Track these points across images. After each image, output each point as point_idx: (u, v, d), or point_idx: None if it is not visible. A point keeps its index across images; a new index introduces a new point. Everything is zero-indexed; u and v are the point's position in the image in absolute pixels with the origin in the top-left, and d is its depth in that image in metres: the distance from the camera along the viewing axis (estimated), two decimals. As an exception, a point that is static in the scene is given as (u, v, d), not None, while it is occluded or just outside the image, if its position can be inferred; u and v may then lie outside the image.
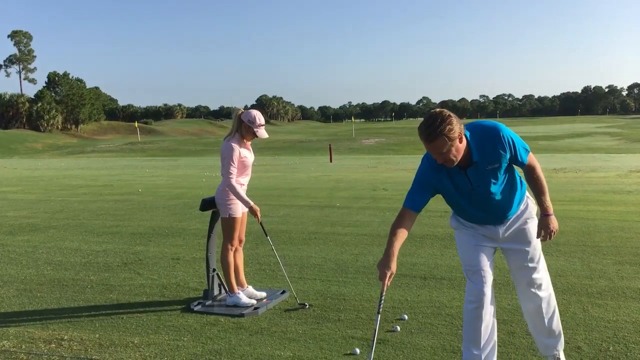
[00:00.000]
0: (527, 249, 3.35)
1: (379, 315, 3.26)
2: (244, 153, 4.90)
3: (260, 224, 5.06)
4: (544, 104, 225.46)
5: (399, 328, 4.28)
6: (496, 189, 3.16)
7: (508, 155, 3.08)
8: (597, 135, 65.27)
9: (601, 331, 4.13)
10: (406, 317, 4.54)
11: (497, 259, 3.61)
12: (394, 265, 3.30)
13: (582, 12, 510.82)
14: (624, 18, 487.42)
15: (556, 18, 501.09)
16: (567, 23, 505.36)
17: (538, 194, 3.25)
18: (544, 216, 3.27)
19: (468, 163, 3.08)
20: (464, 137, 3.00)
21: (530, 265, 3.36)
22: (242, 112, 4.90)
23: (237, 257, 5.13)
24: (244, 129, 4.87)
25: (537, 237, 3.31)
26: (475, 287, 3.30)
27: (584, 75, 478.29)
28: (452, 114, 2.96)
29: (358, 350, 3.93)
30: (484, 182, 3.13)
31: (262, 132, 4.89)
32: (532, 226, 3.36)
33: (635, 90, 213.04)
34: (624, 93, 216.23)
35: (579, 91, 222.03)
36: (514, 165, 3.25)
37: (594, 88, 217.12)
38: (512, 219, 3.34)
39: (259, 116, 4.88)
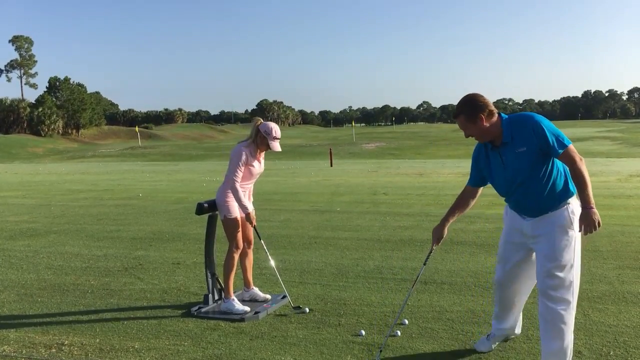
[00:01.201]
0: (549, 258, 3.32)
1: (424, 266, 4.01)
2: (253, 162, 4.96)
3: (254, 227, 5.08)
4: (544, 109, 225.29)
5: (399, 333, 4.28)
6: (524, 174, 3.32)
7: (536, 142, 3.24)
8: (597, 139, 65.27)
9: (602, 336, 4.13)
10: (407, 321, 4.54)
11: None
12: (443, 230, 3.79)
13: (582, 16, 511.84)
14: (625, 22, 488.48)
15: (556, 22, 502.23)
16: (567, 27, 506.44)
17: (578, 189, 3.28)
18: (583, 209, 3.26)
19: (500, 143, 3.38)
20: (492, 119, 3.36)
21: (550, 276, 3.32)
22: (261, 122, 4.98)
23: (246, 259, 5.22)
24: (259, 139, 4.95)
25: (579, 231, 3.29)
26: (495, 277, 3.80)
27: (584, 80, 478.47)
28: (477, 99, 3.37)
29: (363, 332, 4.18)
30: (513, 165, 3.34)
31: (276, 145, 4.95)
32: (561, 237, 3.30)
33: (636, 95, 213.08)
34: (624, 97, 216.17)
35: (579, 95, 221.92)
36: (558, 161, 3.34)
37: (594, 92, 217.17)
38: (542, 218, 3.37)
39: (275, 129, 4.95)
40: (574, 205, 3.37)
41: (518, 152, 3.30)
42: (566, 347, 3.36)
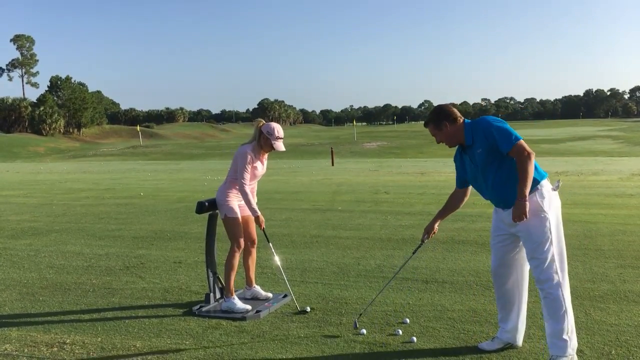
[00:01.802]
0: (528, 241, 3.63)
1: (413, 255, 4.59)
2: (256, 163, 4.96)
3: (263, 230, 5.09)
4: (546, 107, 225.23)
5: (400, 332, 4.28)
6: (486, 171, 3.69)
7: (487, 142, 3.62)
8: (599, 138, 65.20)
9: (603, 335, 4.13)
10: (408, 320, 4.54)
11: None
12: (433, 225, 4.21)
13: (584, 15, 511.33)
14: (627, 21, 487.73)
15: (558, 21, 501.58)
16: (569, 26, 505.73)
17: (519, 180, 3.51)
18: (517, 200, 3.52)
19: (465, 146, 3.79)
20: (456, 125, 3.77)
21: (532, 259, 3.64)
22: (263, 123, 4.98)
23: (249, 257, 5.22)
24: (262, 140, 4.95)
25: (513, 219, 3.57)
26: (491, 269, 3.99)
27: (585, 79, 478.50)
28: (443, 108, 3.83)
29: (364, 331, 4.33)
30: (479, 164, 3.71)
31: (279, 145, 4.95)
32: (534, 220, 3.57)
33: (638, 94, 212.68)
34: (626, 96, 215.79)
35: (581, 94, 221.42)
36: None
37: (596, 91, 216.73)
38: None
39: (278, 129, 4.95)
40: (543, 189, 3.63)
41: (478, 153, 3.69)
42: (564, 325, 3.55)
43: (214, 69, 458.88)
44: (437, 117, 3.81)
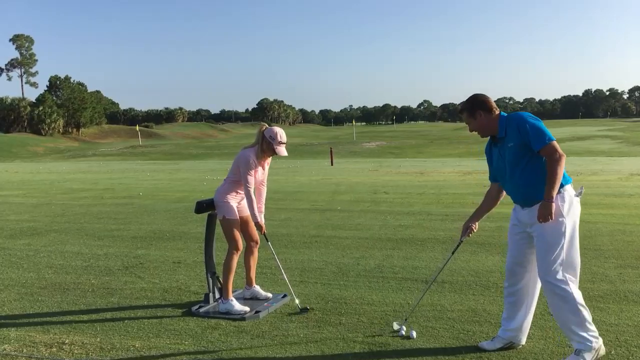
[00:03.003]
0: (540, 241, 3.63)
1: (452, 255, 4.50)
2: (257, 168, 4.94)
3: (264, 234, 5.07)
4: (545, 107, 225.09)
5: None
6: (513, 166, 3.70)
7: (520, 138, 3.61)
8: (598, 138, 65.21)
9: (603, 335, 4.11)
10: (403, 329, 4.46)
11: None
12: (470, 224, 4.18)
13: (583, 15, 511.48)
14: (625, 21, 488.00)
15: (557, 21, 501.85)
16: (567, 26, 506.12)
17: (547, 181, 3.53)
18: (543, 201, 3.54)
19: (498, 138, 3.79)
20: (490, 116, 3.76)
21: (540, 258, 3.65)
22: (266, 127, 4.94)
23: (251, 257, 5.22)
24: (265, 145, 4.91)
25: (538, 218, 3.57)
26: (505, 265, 4.00)
27: (585, 78, 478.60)
28: (478, 97, 3.82)
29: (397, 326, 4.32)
30: (508, 157, 3.72)
31: (282, 150, 4.92)
32: (551, 223, 3.56)
33: (637, 94, 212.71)
34: (625, 96, 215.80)
35: (580, 94, 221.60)
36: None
37: (595, 91, 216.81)
38: (535, 208, 3.62)
39: (280, 133, 4.91)
40: (565, 193, 3.62)
41: (509, 147, 3.70)
42: (578, 322, 3.60)
43: (213, 69, 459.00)
44: (471, 106, 3.82)
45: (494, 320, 4.47)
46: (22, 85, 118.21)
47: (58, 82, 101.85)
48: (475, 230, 4.20)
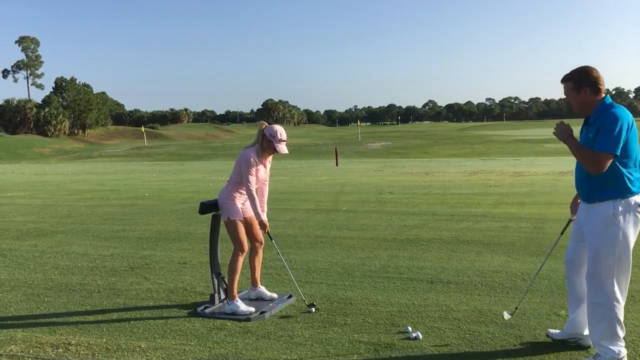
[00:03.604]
0: (589, 245, 3.56)
1: (561, 235, 4.43)
2: (259, 167, 4.94)
3: (268, 234, 5.08)
4: (551, 107, 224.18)
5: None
6: None
7: (597, 130, 3.44)
8: (604, 137, 64.84)
9: (610, 335, 4.10)
10: (410, 328, 4.45)
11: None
12: (576, 204, 3.94)
13: (588, 14, 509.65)
14: (631, 19, 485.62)
15: (562, 19, 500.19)
16: (573, 24, 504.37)
17: (578, 144, 3.54)
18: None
19: (589, 122, 3.58)
20: (595, 97, 3.52)
21: (589, 264, 3.58)
22: (266, 126, 4.95)
23: (256, 257, 5.21)
24: (265, 143, 4.92)
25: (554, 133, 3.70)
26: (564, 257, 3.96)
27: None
28: (590, 72, 3.54)
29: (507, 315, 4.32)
30: (586, 143, 3.52)
31: (282, 148, 4.93)
32: (601, 230, 3.47)
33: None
34: (631, 95, 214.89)
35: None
36: (628, 160, 3.46)
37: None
38: (591, 208, 3.56)
39: (280, 131, 4.91)
40: (622, 205, 3.47)
41: (589, 137, 3.51)
42: (608, 335, 3.52)
43: (218, 70, 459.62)
44: (580, 78, 3.55)
45: (499, 320, 4.46)
46: (28, 87, 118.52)
47: (64, 84, 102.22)
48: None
